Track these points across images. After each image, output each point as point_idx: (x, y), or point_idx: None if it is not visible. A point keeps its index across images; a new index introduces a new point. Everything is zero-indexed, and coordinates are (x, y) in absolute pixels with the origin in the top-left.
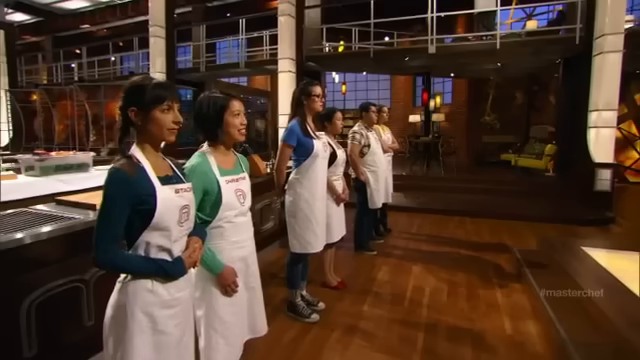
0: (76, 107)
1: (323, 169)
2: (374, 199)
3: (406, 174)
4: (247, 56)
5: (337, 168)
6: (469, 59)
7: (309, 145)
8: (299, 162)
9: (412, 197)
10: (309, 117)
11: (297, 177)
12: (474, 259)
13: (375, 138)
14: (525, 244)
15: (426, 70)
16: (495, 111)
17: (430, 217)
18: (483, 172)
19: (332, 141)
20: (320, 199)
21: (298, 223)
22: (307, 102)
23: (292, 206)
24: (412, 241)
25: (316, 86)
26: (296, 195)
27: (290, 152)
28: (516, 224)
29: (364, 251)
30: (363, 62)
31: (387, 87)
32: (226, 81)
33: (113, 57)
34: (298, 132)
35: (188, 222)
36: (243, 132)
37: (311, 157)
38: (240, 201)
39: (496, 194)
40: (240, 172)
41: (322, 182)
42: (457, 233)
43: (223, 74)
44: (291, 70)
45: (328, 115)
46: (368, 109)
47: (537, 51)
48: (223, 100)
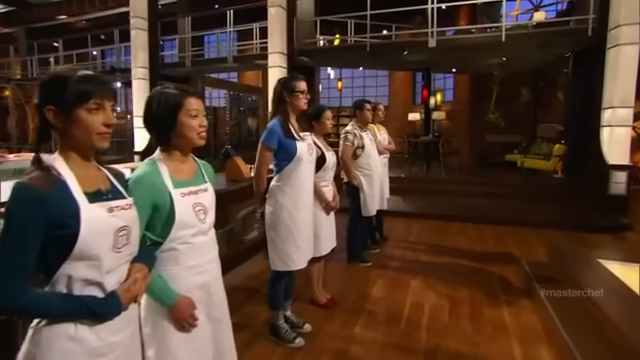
0: None
1: (308, 174)
2: (368, 205)
3: (404, 176)
4: (237, 50)
5: (326, 172)
6: (472, 53)
7: (291, 147)
8: (280, 167)
9: (411, 201)
10: (292, 116)
11: (278, 184)
12: (478, 271)
13: (370, 139)
14: (533, 254)
15: (426, 65)
16: (499, 109)
17: (430, 223)
18: (486, 174)
19: (320, 142)
20: (305, 209)
21: (279, 236)
22: (290, 99)
23: (272, 217)
24: (410, 250)
25: (300, 81)
26: (277, 205)
27: (270, 155)
28: (522, 231)
29: (358, 262)
30: (359, 57)
31: (385, 83)
32: (215, 77)
33: (95, 51)
34: (279, 133)
35: (129, 247)
36: (203, 135)
37: (294, 161)
38: (199, 217)
39: (500, 197)
40: (201, 182)
41: (307, 189)
42: (459, 241)
43: (210, 69)
44: (282, 65)
45: (316, 114)
46: (362, 107)
47: (545, 44)
48: (176, 97)
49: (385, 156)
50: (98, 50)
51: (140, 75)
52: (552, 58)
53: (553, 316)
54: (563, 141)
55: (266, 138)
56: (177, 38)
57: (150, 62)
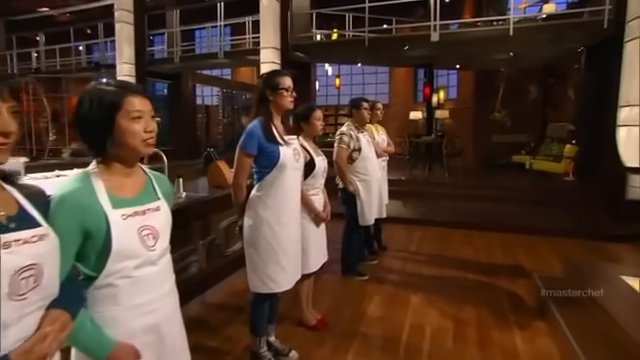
0: (32, 102)
1: (294, 184)
2: (365, 214)
3: (405, 179)
4: (230, 45)
5: (316, 180)
6: (477, 48)
7: (274, 153)
8: (261, 175)
9: (411, 206)
10: (276, 117)
11: (259, 194)
12: (485, 286)
13: (367, 140)
14: (545, 266)
15: (428, 61)
16: (506, 107)
17: (432, 230)
18: (492, 176)
19: (310, 146)
20: (289, 223)
21: (259, 254)
22: (273, 97)
23: (252, 232)
24: (410, 262)
25: (284, 77)
26: (257, 218)
27: (250, 162)
28: (532, 239)
29: (353, 275)
30: (357, 52)
31: (385, 81)
32: (207, 74)
33: (81, 46)
34: (260, 136)
35: (38, 290)
36: (150, 142)
37: (277, 168)
38: (146, 244)
39: (507, 202)
40: (150, 200)
41: (292, 201)
42: (463, 251)
43: (201, 65)
44: (275, 61)
45: (305, 114)
46: (359, 106)
47: (556, 38)
48: (113, 95)
49: (384, 159)
50: (82, 45)
51: (126, 72)
52: (563, 53)
53: (572, 342)
54: (574, 141)
55: (244, 143)
56: (166, 32)
57: (136, 58)
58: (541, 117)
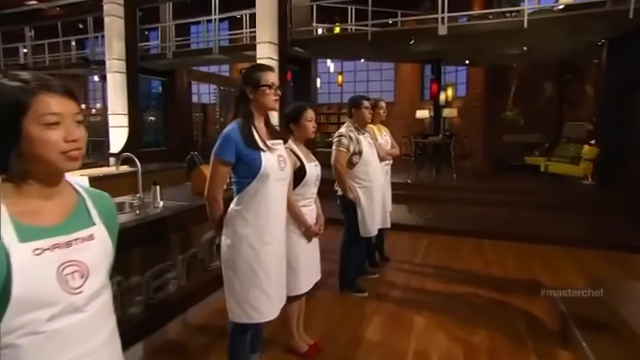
0: None
1: (279, 195)
2: (367, 224)
3: (411, 182)
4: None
5: (307, 189)
6: (488, 42)
7: (254, 161)
8: (240, 186)
9: (417, 212)
10: (258, 118)
11: (238, 209)
12: (498, 305)
13: (369, 142)
14: (565, 281)
15: (436, 56)
16: (518, 105)
17: (439, 239)
18: (504, 179)
19: (300, 151)
20: (274, 242)
21: (239, 278)
22: (254, 96)
23: (230, 252)
24: (415, 275)
25: (267, 72)
26: (236, 236)
27: (226, 171)
28: (548, 250)
29: (351, 292)
30: (360, 47)
31: (391, 78)
32: (205, 70)
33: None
34: (238, 141)
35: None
36: (74, 155)
37: (258, 179)
38: (70, 285)
39: (520, 207)
40: (82, 227)
41: (277, 216)
42: (473, 263)
43: (196, 61)
44: (272, 57)
45: (294, 114)
46: (359, 104)
47: (574, 30)
48: (18, 93)
49: (387, 163)
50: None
51: (116, 68)
52: (581, 46)
53: None
54: (594, 142)
55: (219, 148)
56: (159, 27)
57: (127, 53)
58: (556, 116)
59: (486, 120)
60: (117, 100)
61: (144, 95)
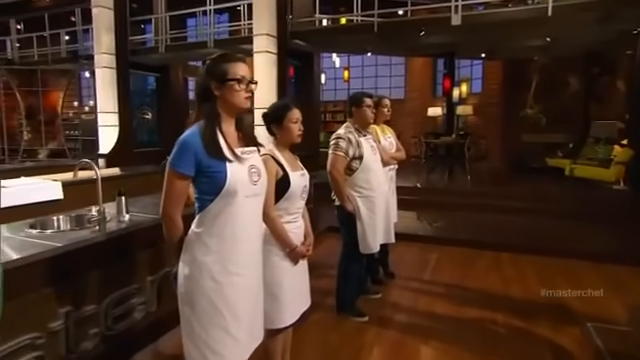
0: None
1: (250, 215)
2: (368, 239)
3: (421, 186)
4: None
5: (292, 202)
6: (507, 33)
7: (219, 173)
8: (202, 204)
9: (427, 220)
10: (226, 120)
11: (198, 231)
12: (520, 335)
13: (371, 145)
14: (598, 305)
15: (449, 49)
16: (540, 102)
17: (451, 251)
18: (524, 183)
19: (284, 158)
20: (243, 272)
21: (198, 317)
22: (221, 92)
23: (187, 285)
24: (423, 296)
25: (236, 63)
26: (194, 265)
27: (185, 186)
28: (575, 265)
29: (350, 315)
30: (366, 39)
31: (401, 73)
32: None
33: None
34: (198, 149)
35: None
36: None
37: (223, 195)
38: None
39: (543, 216)
40: None
41: (248, 241)
42: (490, 280)
43: (190, 56)
44: (270, 50)
45: (277, 115)
46: (360, 102)
47: (605, 18)
48: None
49: (391, 168)
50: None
51: (105, 63)
52: (612, 36)
53: None
54: (625, 142)
55: (175, 158)
56: (153, 19)
57: (117, 47)
58: (582, 113)
59: (504, 118)
60: (106, 97)
61: (137, 92)
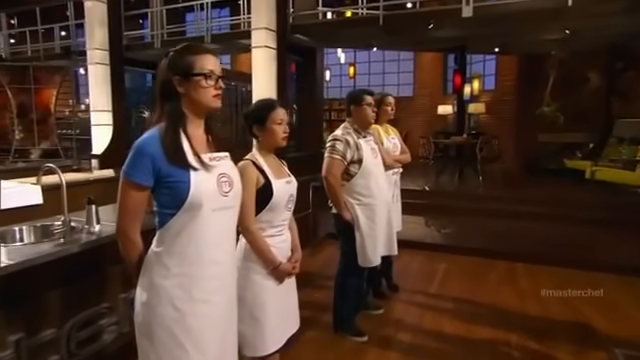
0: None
1: (220, 232)
2: (367, 252)
3: (429, 189)
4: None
5: (276, 214)
6: (523, 25)
7: (181, 184)
8: (162, 219)
9: (435, 225)
10: (192, 121)
11: (158, 251)
12: (536, 359)
13: (372, 148)
14: (626, 326)
15: (460, 44)
16: (557, 99)
17: (461, 261)
18: (540, 186)
19: (266, 163)
20: (210, 299)
21: (156, 350)
22: (185, 89)
23: (145, 313)
24: (429, 312)
25: (204, 55)
26: (152, 291)
27: (142, 198)
28: (598, 279)
29: (347, 334)
30: (370, 33)
31: (410, 69)
32: None
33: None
34: (156, 155)
35: None
36: None
37: (186, 209)
38: None
39: (562, 222)
40: None
41: (217, 262)
42: (503, 295)
43: None
44: (269, 45)
45: (259, 115)
46: (359, 101)
47: (632, 7)
48: None
49: (395, 171)
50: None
51: (98, 59)
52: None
53: None
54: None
55: (129, 166)
56: (149, 13)
57: (110, 42)
58: (604, 111)
59: (518, 117)
60: (100, 95)
61: (134, 89)
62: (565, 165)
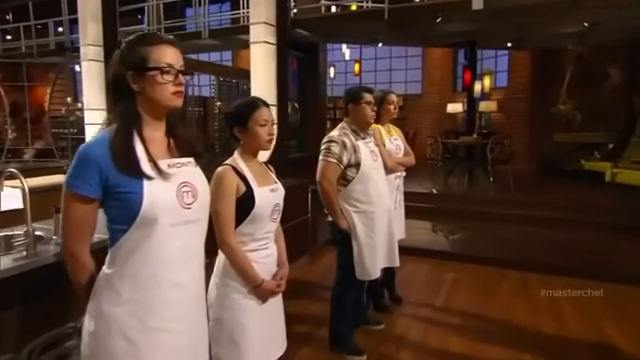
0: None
1: (180, 250)
2: (365, 264)
3: (437, 192)
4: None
5: (257, 226)
6: (537, 18)
7: (133, 195)
8: (114, 236)
9: (443, 231)
10: (150, 123)
11: (108, 273)
12: None
13: (371, 150)
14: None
15: (470, 38)
16: (574, 97)
17: (470, 270)
18: (556, 190)
19: (248, 169)
20: (170, 327)
21: None
22: (140, 85)
23: (92, 345)
24: (435, 328)
25: (160, 46)
26: (101, 320)
27: (90, 212)
28: (623, 292)
29: (344, 353)
30: (375, 27)
31: (418, 65)
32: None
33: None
34: (103, 162)
35: None
36: None
37: (138, 225)
38: None
39: (580, 229)
40: None
41: (177, 283)
42: (516, 309)
43: (186, 47)
44: (268, 40)
45: (240, 115)
46: (357, 99)
47: None
48: None
49: (398, 175)
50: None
51: (91, 55)
52: None
53: None
54: None
55: (71, 176)
56: (146, 7)
57: (105, 38)
58: (625, 109)
59: (532, 115)
60: (93, 93)
61: None
62: (583, 167)
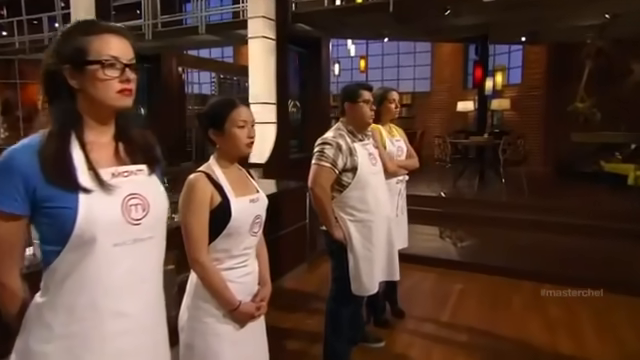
0: None
1: (127, 274)
2: (362, 277)
3: (445, 195)
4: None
5: (235, 241)
6: (554, 10)
7: (66, 210)
8: (46, 259)
9: (451, 237)
10: (92, 126)
11: (40, 302)
12: None
13: (369, 153)
14: None
15: (481, 32)
16: (593, 94)
17: (479, 281)
18: (573, 193)
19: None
20: None
21: None
22: (80, 82)
23: None
24: (439, 346)
25: (101, 36)
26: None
27: (16, 230)
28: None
29: None
30: (381, 21)
31: (427, 62)
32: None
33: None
34: (30, 172)
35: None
36: None
37: (73, 245)
38: None
39: (599, 236)
40: None
41: (123, 312)
42: (530, 325)
43: (183, 43)
44: (267, 35)
45: (216, 115)
46: (355, 97)
47: None
48: None
49: (400, 179)
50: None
51: None
52: None
53: None
54: None
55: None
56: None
57: None
58: None
59: (548, 114)
60: None
61: None
62: (602, 169)
